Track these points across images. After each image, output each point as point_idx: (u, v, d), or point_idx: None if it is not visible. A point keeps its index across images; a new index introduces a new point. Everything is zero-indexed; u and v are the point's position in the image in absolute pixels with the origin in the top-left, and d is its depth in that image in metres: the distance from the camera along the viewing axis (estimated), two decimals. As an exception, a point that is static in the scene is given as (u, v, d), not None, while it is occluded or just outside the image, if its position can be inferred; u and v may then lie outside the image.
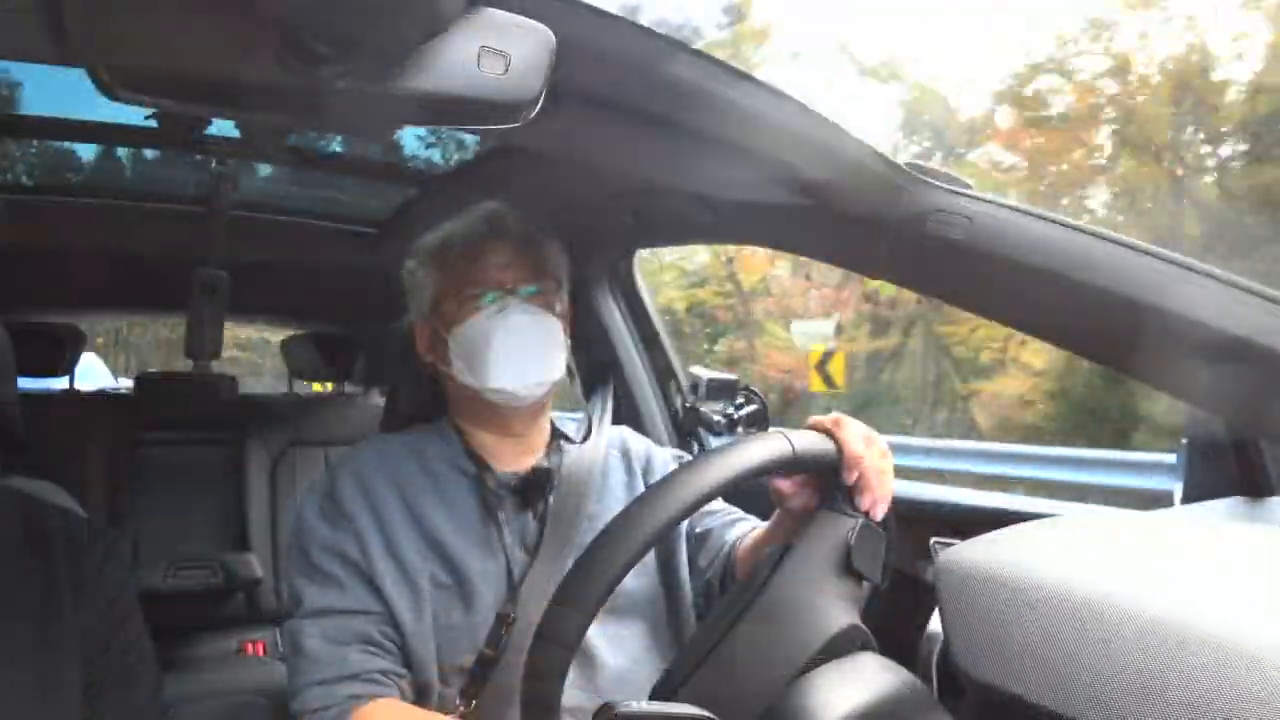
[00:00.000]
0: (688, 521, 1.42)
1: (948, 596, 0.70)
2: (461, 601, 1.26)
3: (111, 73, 0.70)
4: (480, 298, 1.31)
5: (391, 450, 1.35)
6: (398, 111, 0.81)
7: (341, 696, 1.17)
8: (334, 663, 1.19)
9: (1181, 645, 0.57)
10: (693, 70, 0.97)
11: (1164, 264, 1.06)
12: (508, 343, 1.28)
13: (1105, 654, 0.59)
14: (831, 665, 0.91)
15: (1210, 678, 0.55)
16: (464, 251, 1.34)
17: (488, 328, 1.29)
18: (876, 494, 1.04)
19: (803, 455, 1.00)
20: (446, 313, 1.33)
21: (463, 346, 1.30)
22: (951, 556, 0.73)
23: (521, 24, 0.77)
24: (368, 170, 2.30)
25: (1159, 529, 0.81)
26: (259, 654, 2.83)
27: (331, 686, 1.18)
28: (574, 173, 1.66)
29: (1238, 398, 1.05)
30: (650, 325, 2.15)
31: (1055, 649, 0.62)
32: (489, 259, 1.33)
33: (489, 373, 1.28)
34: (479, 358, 1.29)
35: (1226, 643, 0.56)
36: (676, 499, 0.88)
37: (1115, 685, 0.58)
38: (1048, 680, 0.61)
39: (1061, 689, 0.60)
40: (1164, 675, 0.56)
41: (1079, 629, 0.61)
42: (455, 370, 1.32)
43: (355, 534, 1.25)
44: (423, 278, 1.38)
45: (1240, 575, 0.67)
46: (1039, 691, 0.61)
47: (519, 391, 1.30)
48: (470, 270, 1.33)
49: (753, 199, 1.35)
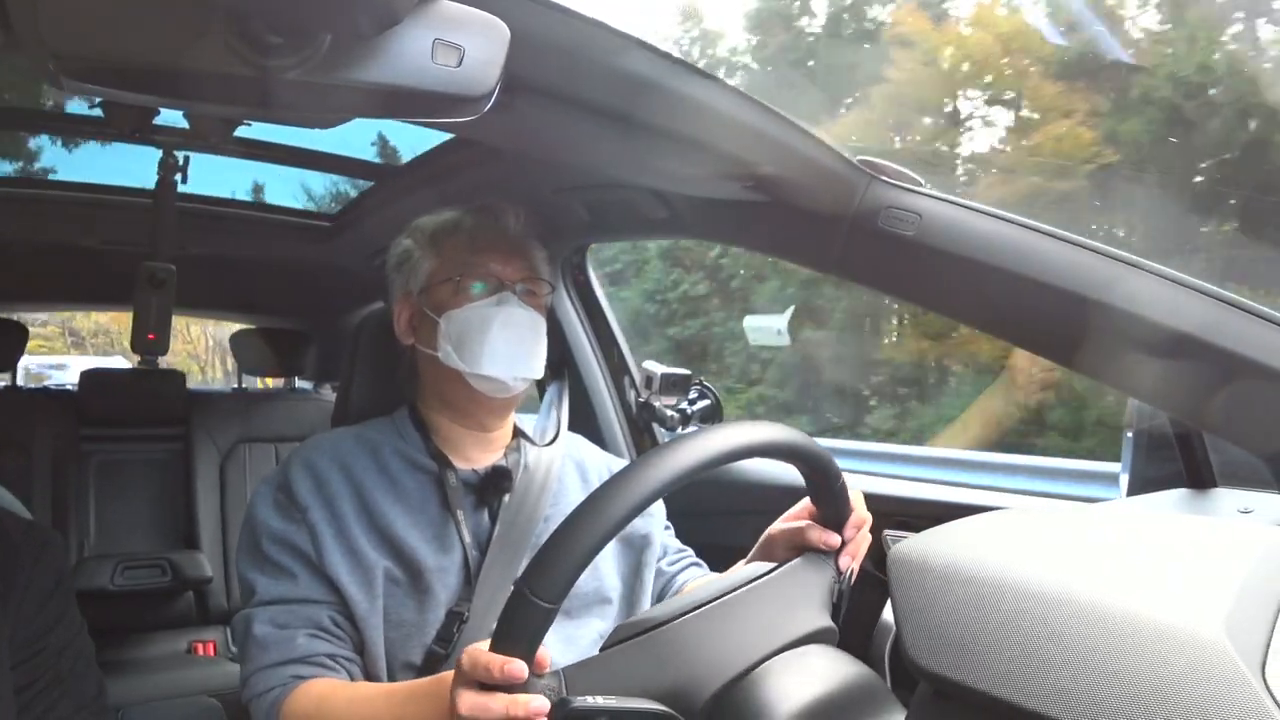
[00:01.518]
0: (662, 539, 1.46)
1: (899, 588, 0.71)
2: (414, 598, 1.25)
3: (57, 61, 0.69)
4: (479, 288, 1.33)
5: (346, 444, 1.34)
6: (350, 103, 0.80)
7: (286, 677, 1.16)
8: (281, 646, 1.18)
9: (1128, 634, 0.58)
10: (648, 65, 0.97)
11: (1110, 261, 1.08)
12: (503, 334, 1.30)
13: (1053, 643, 0.60)
14: (786, 657, 0.92)
15: (1156, 665, 0.56)
16: (468, 239, 1.36)
17: (486, 315, 1.30)
18: (857, 558, 1.11)
19: (828, 462, 1.03)
20: (441, 296, 1.34)
21: (456, 331, 1.31)
22: (903, 548, 0.74)
23: (476, 17, 0.77)
24: (320, 162, 2.28)
25: (1105, 521, 0.83)
26: (209, 654, 2.80)
27: (277, 669, 1.17)
28: (528, 167, 1.65)
29: (1181, 392, 1.07)
30: (604, 320, 2.15)
31: (1004, 639, 0.63)
32: (491, 251, 1.35)
33: (481, 359, 1.29)
34: (472, 344, 1.30)
35: (1172, 631, 0.57)
36: (693, 453, 0.89)
37: (1063, 673, 0.59)
38: (997, 669, 0.62)
39: (1011, 678, 0.61)
40: (1109, 662, 0.58)
41: (1028, 619, 0.62)
42: (441, 353, 1.32)
43: (308, 525, 1.24)
44: (418, 257, 1.38)
45: (1182, 565, 0.68)
46: (989, 681, 0.62)
47: (506, 381, 1.31)
48: (472, 259, 1.34)
49: (707, 195, 1.36)
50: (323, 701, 1.13)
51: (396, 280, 1.41)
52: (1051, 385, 9.29)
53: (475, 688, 0.86)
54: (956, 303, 1.26)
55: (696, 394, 2.09)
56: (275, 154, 2.18)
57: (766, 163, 1.18)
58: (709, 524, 1.70)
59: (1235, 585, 0.62)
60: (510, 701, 0.84)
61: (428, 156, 1.97)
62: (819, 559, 1.07)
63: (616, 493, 0.85)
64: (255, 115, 0.87)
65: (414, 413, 1.40)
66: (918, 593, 0.70)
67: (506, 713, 0.84)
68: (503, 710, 0.84)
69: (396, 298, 1.41)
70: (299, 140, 2.15)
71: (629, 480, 0.86)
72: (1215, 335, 1.00)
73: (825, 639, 0.99)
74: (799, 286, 12.02)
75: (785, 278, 12.34)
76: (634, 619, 0.95)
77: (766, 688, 0.89)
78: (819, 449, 1.01)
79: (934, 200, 1.18)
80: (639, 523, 1.40)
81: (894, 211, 1.19)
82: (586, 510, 0.85)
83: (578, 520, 0.84)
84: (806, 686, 0.89)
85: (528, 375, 1.33)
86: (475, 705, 0.85)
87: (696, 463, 0.88)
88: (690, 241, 8.50)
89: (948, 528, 0.77)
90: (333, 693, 1.15)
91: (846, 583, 1.10)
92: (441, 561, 1.27)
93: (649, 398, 2.08)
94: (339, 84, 0.74)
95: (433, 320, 1.33)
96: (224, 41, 0.68)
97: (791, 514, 1.17)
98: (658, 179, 1.40)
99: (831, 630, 1.00)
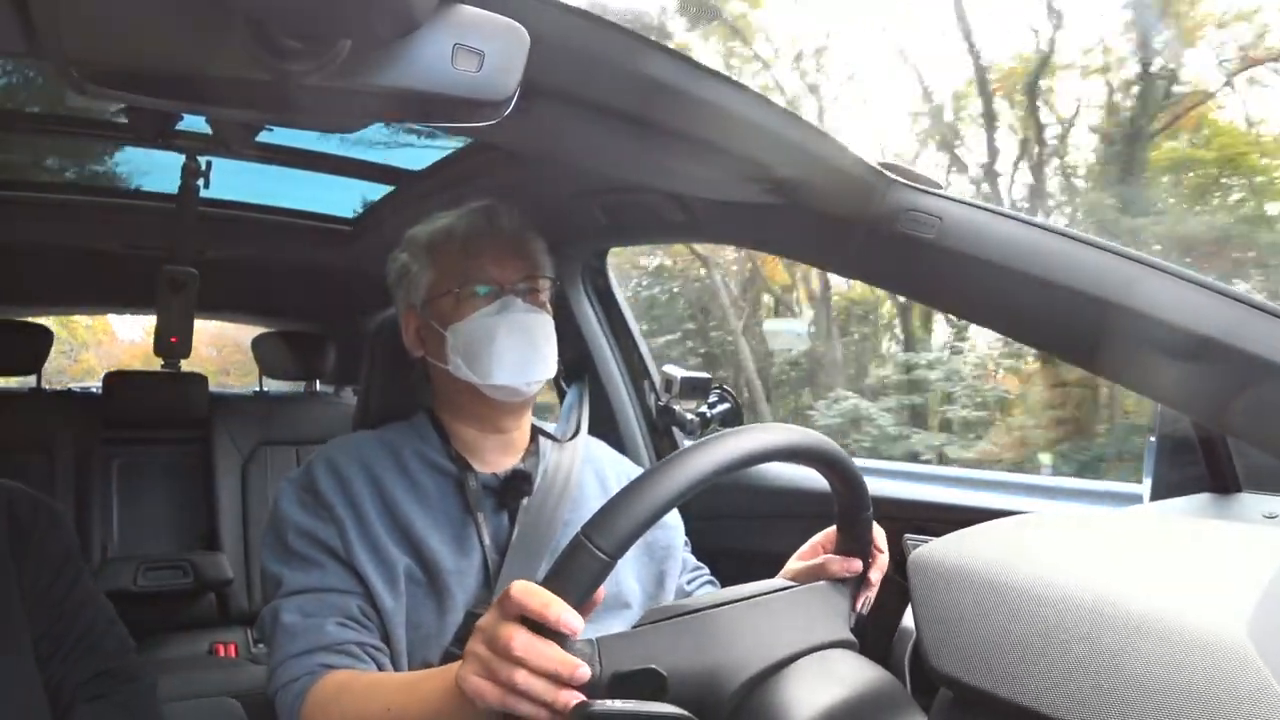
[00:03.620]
0: (684, 551, 1.47)
1: (920, 593, 0.71)
2: (433, 599, 1.25)
3: (80, 68, 0.70)
4: (479, 294, 1.32)
5: (368, 446, 1.34)
6: (370, 108, 0.81)
7: (313, 665, 1.15)
8: (309, 634, 1.17)
9: (1150, 639, 0.58)
10: (667, 69, 0.97)
11: (1132, 263, 1.07)
12: (510, 341, 1.29)
13: (1077, 650, 0.60)
14: (807, 661, 0.92)
15: (1178, 670, 0.56)
16: (462, 246, 1.34)
17: (491, 325, 1.29)
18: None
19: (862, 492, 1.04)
20: (443, 308, 1.33)
21: (464, 343, 1.30)
22: (923, 553, 0.74)
23: (496, 21, 0.77)
24: (341, 166, 2.29)
25: (1127, 526, 0.82)
26: (230, 655, 2.81)
27: (305, 657, 1.16)
28: (547, 171, 1.65)
29: (1204, 396, 1.06)
30: (624, 324, 2.15)
31: (1026, 645, 0.62)
32: (486, 255, 1.33)
33: (492, 370, 1.29)
34: (481, 354, 1.29)
35: (1194, 636, 0.57)
36: (761, 442, 0.91)
37: (1084, 680, 0.58)
38: (1018, 675, 0.62)
39: (1031, 684, 0.61)
40: (1132, 669, 0.57)
41: (1048, 625, 0.62)
42: (452, 365, 1.31)
43: (334, 521, 1.24)
44: (416, 271, 1.37)
45: (1207, 570, 0.68)
46: (1009, 686, 0.62)
47: (520, 388, 1.31)
48: (468, 266, 1.33)
49: (726, 198, 1.35)
50: (342, 690, 1.12)
51: (398, 294, 1.41)
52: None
53: (523, 624, 0.82)
54: (977, 306, 1.25)
55: (716, 398, 2.08)
56: (296, 158, 2.20)
57: (785, 166, 1.17)
58: (727, 527, 1.70)
59: (1259, 590, 0.61)
60: (563, 657, 0.81)
61: (447, 161, 1.98)
62: (840, 585, 1.09)
63: (690, 460, 0.86)
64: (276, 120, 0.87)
65: (432, 417, 1.40)
66: (939, 598, 0.69)
67: (556, 667, 0.81)
68: (556, 664, 0.81)
69: (401, 311, 1.41)
70: (319, 145, 2.16)
71: (703, 452, 0.87)
72: (1238, 338, 0.99)
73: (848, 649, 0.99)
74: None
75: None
76: (668, 604, 0.95)
77: (789, 689, 0.88)
78: (859, 476, 1.02)
79: (954, 203, 1.18)
80: (660, 533, 1.40)
81: (914, 214, 1.18)
82: (658, 471, 0.85)
83: (648, 479, 0.84)
84: (828, 689, 0.89)
85: (540, 378, 1.33)
86: (529, 645, 0.81)
87: (762, 451, 0.90)
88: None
89: (969, 532, 0.77)
90: (352, 680, 1.14)
91: (864, 608, 1.12)
92: (460, 564, 1.27)
93: (669, 401, 2.08)
94: (359, 89, 0.75)
95: (439, 333, 1.33)
96: (244, 47, 0.68)
97: (805, 551, 1.18)
98: (676, 182, 1.40)
99: (854, 643, 1.01)
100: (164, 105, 0.84)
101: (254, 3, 0.65)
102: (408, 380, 1.45)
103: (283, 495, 1.30)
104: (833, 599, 1.05)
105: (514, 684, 0.81)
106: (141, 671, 1.35)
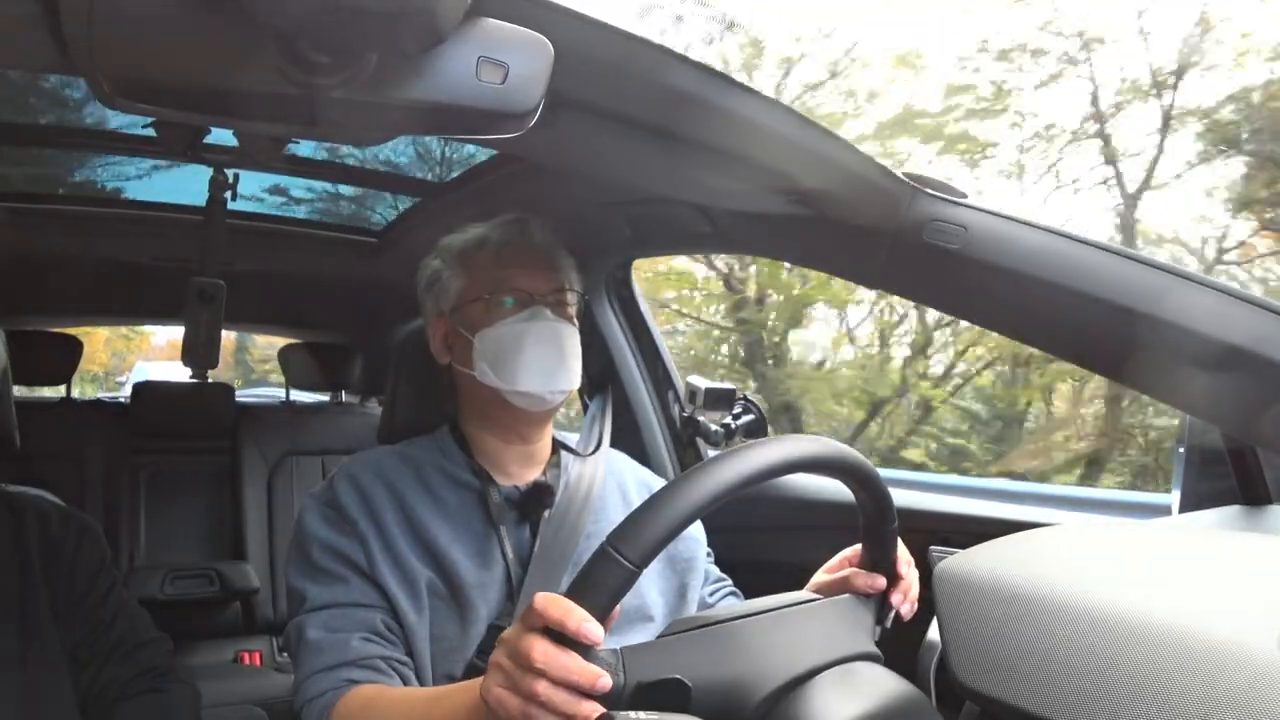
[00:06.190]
0: (707, 562, 1.47)
1: (945, 605, 0.71)
2: (456, 613, 1.26)
3: (110, 82, 0.71)
4: (509, 303, 1.33)
5: (389, 461, 1.35)
6: (396, 121, 0.81)
7: (339, 680, 1.16)
8: (335, 649, 1.18)
9: (1179, 653, 0.57)
10: (691, 80, 0.97)
11: (1160, 273, 1.07)
12: (537, 349, 1.30)
13: (1101, 662, 0.59)
14: (833, 673, 0.92)
15: (1207, 684, 0.55)
16: (494, 255, 1.36)
17: (519, 332, 1.31)
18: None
19: (888, 505, 1.03)
20: (473, 314, 1.34)
21: (491, 349, 1.31)
22: (949, 565, 0.73)
23: (520, 34, 0.78)
24: (367, 179, 2.31)
25: (1156, 538, 0.81)
26: (255, 664, 2.82)
27: (331, 672, 1.17)
28: (571, 182, 1.66)
29: (1234, 406, 1.05)
30: (648, 335, 2.15)
31: (1052, 658, 0.62)
32: (518, 265, 1.34)
33: (518, 376, 1.30)
34: (508, 361, 1.30)
35: (1224, 650, 0.56)
36: (789, 452, 0.91)
37: (1111, 693, 0.58)
38: (1044, 689, 0.61)
39: (1058, 697, 0.60)
40: (1160, 683, 0.56)
41: (1075, 637, 0.61)
42: (478, 371, 1.32)
43: (358, 536, 1.25)
44: (447, 277, 1.38)
45: (1238, 583, 0.67)
46: (1038, 702, 0.61)
47: (544, 396, 1.31)
48: (499, 275, 1.34)
49: (750, 209, 1.35)
50: (368, 705, 1.13)
51: (428, 301, 1.42)
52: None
53: (545, 635, 0.82)
54: (1004, 316, 1.24)
55: (741, 409, 2.08)
56: (323, 171, 2.21)
57: (810, 177, 1.17)
58: (749, 539, 1.69)
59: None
60: (584, 668, 0.81)
61: (472, 172, 1.99)
62: (865, 598, 1.09)
63: (716, 471, 0.86)
64: (303, 133, 0.88)
65: (455, 430, 1.41)
66: (965, 611, 0.69)
67: (577, 678, 0.81)
68: (576, 674, 0.81)
69: (430, 318, 1.42)
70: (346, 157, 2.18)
71: (729, 462, 0.87)
72: (1268, 347, 0.98)
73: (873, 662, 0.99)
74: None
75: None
76: (693, 615, 0.95)
77: (813, 701, 0.88)
78: (885, 487, 1.02)
79: (980, 213, 1.17)
80: (682, 546, 1.40)
81: (939, 225, 1.18)
82: (684, 481, 0.85)
83: (674, 489, 0.85)
84: (852, 702, 0.88)
85: (564, 388, 1.33)
86: (549, 655, 0.81)
87: (787, 462, 0.90)
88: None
89: (996, 544, 0.76)
90: (378, 695, 1.14)
91: (887, 621, 1.12)
92: (483, 577, 1.28)
93: (693, 412, 2.07)
94: (385, 102, 0.75)
95: (467, 339, 1.34)
96: (272, 62, 0.69)
97: (833, 564, 1.18)
98: (701, 193, 1.40)
99: (878, 656, 1.00)
100: (193, 119, 0.85)
101: (282, 18, 0.66)
102: (432, 392, 1.45)
103: (306, 511, 1.31)
104: (857, 612, 1.05)
105: (535, 695, 0.81)
106: (187, 675, 1.39)
